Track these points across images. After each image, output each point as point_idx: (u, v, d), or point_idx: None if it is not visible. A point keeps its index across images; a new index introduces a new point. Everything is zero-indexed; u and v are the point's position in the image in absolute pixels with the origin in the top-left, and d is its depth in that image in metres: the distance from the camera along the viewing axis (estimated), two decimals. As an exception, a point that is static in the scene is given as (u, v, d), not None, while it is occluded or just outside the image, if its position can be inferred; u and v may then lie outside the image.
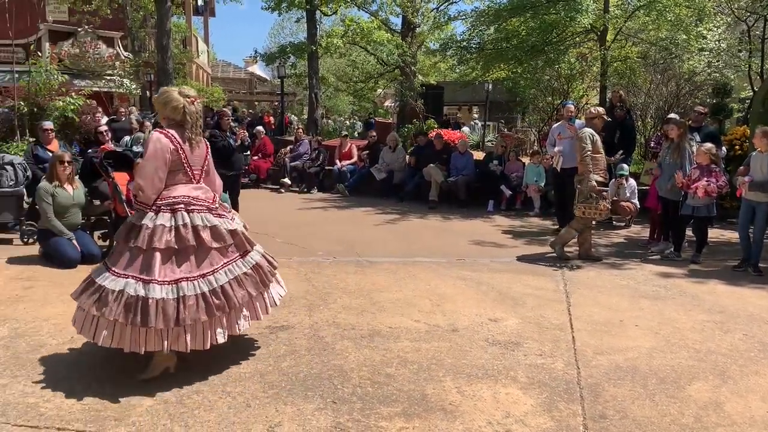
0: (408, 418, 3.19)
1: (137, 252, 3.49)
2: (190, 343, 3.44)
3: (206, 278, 3.51)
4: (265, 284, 3.84)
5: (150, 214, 3.54)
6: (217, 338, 3.53)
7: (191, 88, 3.86)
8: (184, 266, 3.49)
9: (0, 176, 7.34)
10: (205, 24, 31.60)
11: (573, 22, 11.88)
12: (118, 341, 3.42)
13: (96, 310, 3.41)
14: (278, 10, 18.08)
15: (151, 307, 3.34)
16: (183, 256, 3.51)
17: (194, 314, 3.41)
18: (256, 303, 3.77)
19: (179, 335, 3.42)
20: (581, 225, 6.86)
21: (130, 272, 3.45)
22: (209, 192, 3.80)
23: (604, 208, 6.78)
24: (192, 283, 3.46)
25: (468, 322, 4.72)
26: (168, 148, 3.55)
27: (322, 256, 6.90)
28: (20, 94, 11.07)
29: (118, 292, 3.39)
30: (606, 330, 4.62)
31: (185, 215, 3.55)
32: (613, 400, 3.46)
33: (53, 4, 19.74)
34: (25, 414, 3.15)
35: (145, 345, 3.39)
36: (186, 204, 3.59)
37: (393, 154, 12.22)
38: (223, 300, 3.52)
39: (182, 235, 3.50)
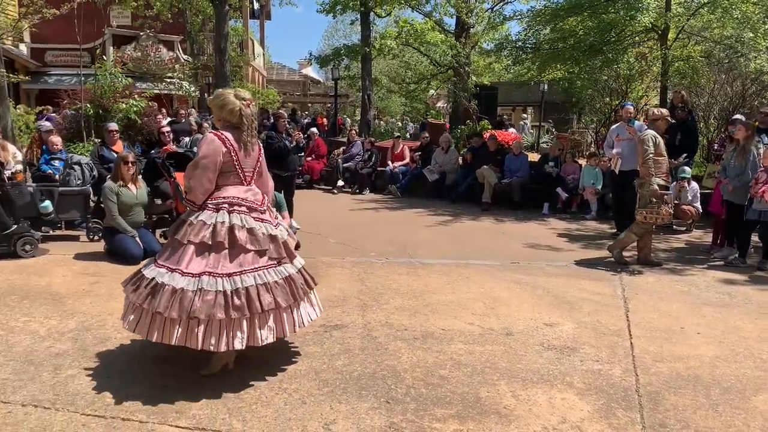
0: (462, 421, 3.18)
1: (177, 245, 3.57)
2: (202, 339, 3.36)
3: (231, 278, 3.46)
4: (296, 299, 3.68)
5: (197, 212, 3.63)
6: (234, 343, 3.42)
7: (246, 91, 3.92)
8: (212, 262, 3.49)
9: (68, 176, 7.66)
10: (261, 27, 32.23)
11: (633, 21, 11.55)
12: (135, 325, 3.54)
13: (134, 298, 3.56)
14: (333, 13, 18.28)
15: (167, 294, 3.38)
16: (214, 253, 3.51)
17: (209, 309, 3.35)
18: (283, 316, 3.62)
19: (192, 329, 3.37)
20: (642, 229, 6.68)
21: (166, 263, 3.54)
22: (258, 194, 3.81)
23: (666, 213, 6.58)
24: (214, 279, 3.43)
25: (523, 326, 4.67)
26: (220, 150, 3.60)
27: (375, 256, 6.94)
28: (86, 97, 11.53)
29: (149, 279, 3.51)
30: (666, 337, 4.49)
31: (226, 214, 3.59)
32: (673, 409, 3.37)
33: (117, 9, 20.46)
34: (93, 404, 3.28)
35: (160, 334, 3.43)
36: (231, 204, 3.63)
37: (446, 155, 12.19)
38: (244, 302, 3.42)
39: (217, 231, 3.53)
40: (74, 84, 15.11)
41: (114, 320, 4.56)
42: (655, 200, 6.53)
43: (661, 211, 6.52)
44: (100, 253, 6.69)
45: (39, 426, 3.05)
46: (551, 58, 13.51)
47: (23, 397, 3.34)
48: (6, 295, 5.16)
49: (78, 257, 6.56)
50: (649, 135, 6.73)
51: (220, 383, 3.52)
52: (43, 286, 5.46)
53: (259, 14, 30.84)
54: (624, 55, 12.85)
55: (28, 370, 3.70)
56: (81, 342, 4.16)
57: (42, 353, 3.95)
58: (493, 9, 17.45)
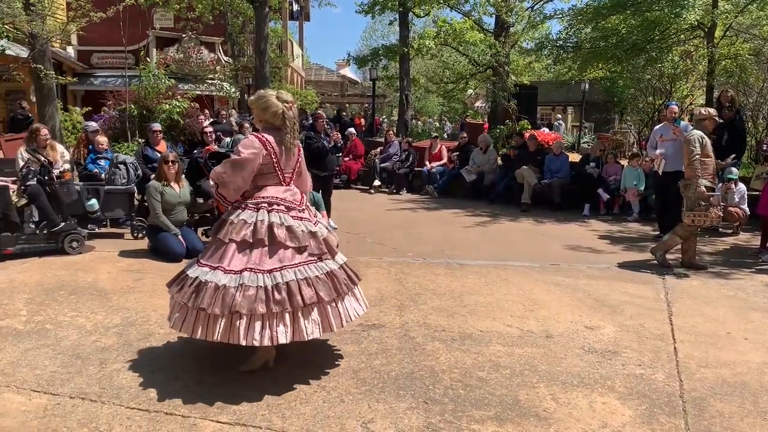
0: (501, 423, 3.16)
1: (219, 244, 3.62)
2: (244, 334, 3.38)
3: (272, 274, 3.50)
4: (339, 294, 3.69)
5: (237, 211, 3.67)
6: (278, 337, 3.43)
7: (288, 93, 3.94)
8: (253, 259, 3.54)
9: (113, 175, 7.86)
10: (300, 28, 32.53)
11: (678, 19, 11.31)
12: (181, 323, 3.57)
13: (178, 297, 3.60)
14: (371, 13, 18.31)
15: (209, 290, 3.43)
16: (254, 250, 3.55)
17: (251, 304, 3.39)
18: (328, 309, 3.62)
19: (234, 323, 3.40)
20: (686, 232, 6.52)
21: (209, 262, 3.60)
22: (297, 194, 3.84)
23: (715, 215, 6.38)
24: (255, 275, 3.47)
25: (563, 328, 4.61)
26: (261, 153, 3.63)
27: (412, 256, 6.93)
28: (131, 98, 11.81)
29: (193, 278, 3.56)
30: (711, 342, 4.38)
31: (265, 213, 3.63)
32: (719, 416, 3.28)
33: (160, 11, 20.90)
34: (137, 397, 3.36)
35: (203, 330, 3.45)
36: (270, 204, 3.67)
37: (484, 155, 12.11)
38: (285, 296, 3.44)
39: (257, 229, 3.57)
40: (119, 85, 15.49)
41: (157, 316, 4.66)
42: (703, 203, 6.36)
43: (710, 214, 6.35)
44: (144, 251, 6.85)
45: (86, 418, 3.13)
46: (593, 57, 13.33)
47: (71, 389, 3.44)
48: (54, 290, 5.33)
49: (123, 254, 6.73)
50: (695, 135, 6.56)
51: (261, 380, 3.56)
52: (90, 282, 5.61)
53: (298, 15, 31.14)
54: (668, 54, 12.61)
55: (75, 363, 3.80)
56: (125, 337, 4.26)
57: (88, 347, 4.06)
58: (534, 8, 17.26)
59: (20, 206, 6.41)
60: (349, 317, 3.77)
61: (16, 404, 3.27)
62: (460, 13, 18.44)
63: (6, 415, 3.15)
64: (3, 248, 6.28)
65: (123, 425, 3.07)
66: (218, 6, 19.38)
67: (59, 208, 6.67)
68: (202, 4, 18.67)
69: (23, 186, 6.47)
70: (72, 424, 3.07)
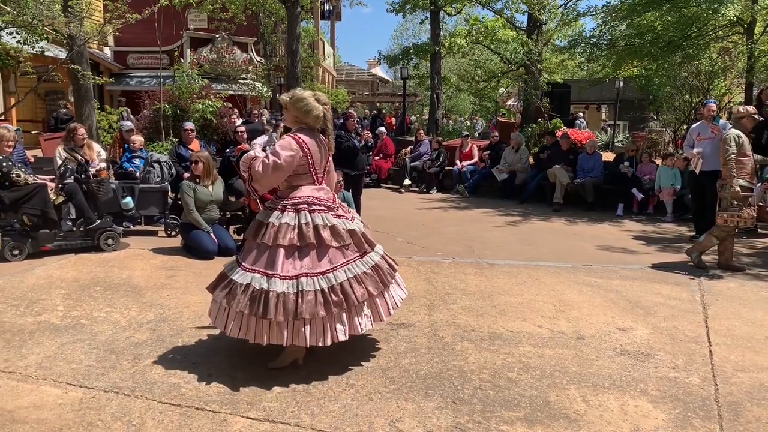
0: (530, 424, 3.13)
1: (264, 248, 3.65)
2: (309, 337, 3.52)
3: (326, 275, 3.60)
4: (385, 284, 3.85)
5: (276, 213, 3.69)
6: (338, 335, 3.58)
7: (323, 94, 3.97)
8: (305, 263, 3.60)
9: (148, 173, 8.00)
10: (331, 28, 32.67)
11: (716, 15, 11.04)
12: (244, 332, 3.59)
13: (226, 303, 3.62)
14: (402, 12, 18.29)
15: (272, 299, 3.49)
16: (304, 254, 3.62)
17: (312, 309, 3.50)
18: (377, 302, 3.78)
19: (299, 329, 3.52)
20: (723, 232, 6.37)
21: (256, 267, 3.62)
22: (329, 192, 3.92)
23: (748, 216, 6.23)
24: (311, 279, 3.56)
25: (594, 330, 4.54)
26: (298, 155, 3.68)
27: (442, 256, 6.91)
28: (165, 98, 12.01)
29: (245, 286, 3.58)
30: (749, 346, 4.27)
31: (308, 215, 3.68)
32: (756, 421, 3.20)
33: (194, 12, 21.18)
34: (169, 392, 3.41)
35: (268, 337, 3.54)
36: (309, 204, 3.71)
37: (516, 154, 12.01)
38: (341, 297, 3.58)
39: (304, 233, 3.62)
40: (154, 85, 15.76)
41: (189, 313, 4.73)
42: (737, 203, 6.22)
43: (743, 215, 6.20)
44: (177, 248, 6.95)
45: (120, 411, 3.19)
46: (627, 55, 13.11)
47: (105, 383, 3.51)
48: (90, 286, 5.44)
49: (156, 251, 6.84)
50: (732, 134, 6.41)
51: (290, 377, 3.59)
52: (124, 278, 5.72)
53: (329, 15, 31.26)
54: (706, 51, 12.32)
55: (109, 358, 3.88)
56: (158, 333, 4.33)
57: (122, 342, 4.14)
58: (567, 5, 17.02)
59: (58, 204, 6.57)
60: (395, 304, 3.96)
61: (53, 397, 3.35)
62: (492, 11, 18.29)
63: (43, 407, 3.23)
64: (41, 245, 6.45)
65: (155, 419, 3.12)
66: (251, 6, 19.56)
67: (95, 206, 6.81)
68: (235, 5, 18.86)
69: (61, 184, 6.62)
70: (106, 418, 3.13)
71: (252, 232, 3.76)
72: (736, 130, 6.51)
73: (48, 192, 6.43)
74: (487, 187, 12.22)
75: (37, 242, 6.43)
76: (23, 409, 3.20)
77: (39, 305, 4.89)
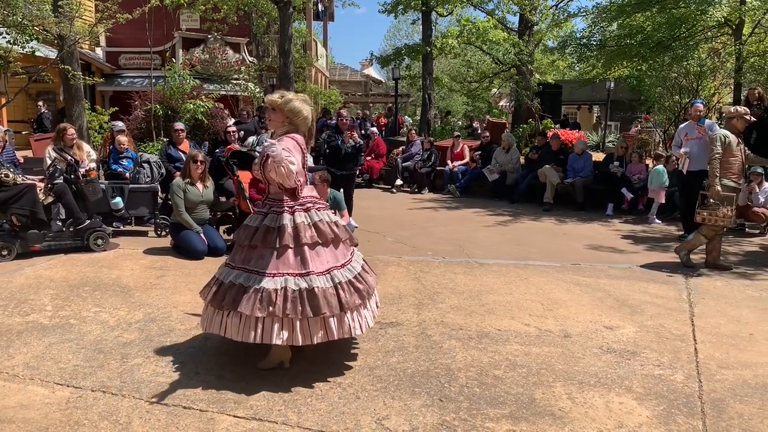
0: (515, 421, 3.15)
1: (283, 249, 3.57)
2: (350, 327, 3.61)
3: (346, 267, 3.73)
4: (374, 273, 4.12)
5: (287, 216, 3.62)
6: (368, 322, 3.79)
7: (306, 95, 3.97)
8: (330, 257, 3.68)
9: (138, 173, 7.99)
10: (324, 28, 32.63)
11: (704, 16, 11.12)
12: (295, 337, 3.48)
13: (261, 312, 3.42)
14: (394, 13, 18.31)
15: (319, 296, 3.49)
16: (325, 249, 3.67)
17: (350, 298, 3.59)
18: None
19: (341, 320, 3.57)
20: (711, 231, 6.42)
21: (286, 270, 3.55)
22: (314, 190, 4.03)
23: (723, 214, 6.26)
24: (340, 272, 3.67)
25: (581, 328, 4.57)
26: (300, 155, 3.70)
27: (432, 255, 6.93)
28: (156, 98, 11.98)
29: (280, 290, 3.47)
30: (733, 343, 4.31)
31: (318, 213, 3.73)
32: (738, 417, 3.23)
33: (186, 13, 21.11)
34: (156, 392, 3.42)
35: (324, 334, 3.54)
36: (313, 203, 3.77)
37: (506, 155, 12.04)
38: (365, 284, 3.74)
39: (322, 229, 3.66)
40: (145, 86, 15.72)
41: (178, 312, 4.74)
42: (713, 201, 6.29)
43: (719, 213, 6.24)
44: (167, 248, 6.95)
45: (107, 411, 3.20)
46: (617, 55, 13.18)
47: (93, 383, 3.52)
48: (79, 286, 5.44)
49: (146, 252, 6.83)
50: (718, 135, 6.47)
51: (278, 377, 3.60)
52: (113, 278, 5.72)
53: (322, 16, 31.20)
54: (695, 52, 12.39)
55: (97, 357, 3.88)
56: (147, 332, 4.33)
57: (111, 342, 4.14)
58: (558, 6, 17.12)
59: (47, 204, 6.55)
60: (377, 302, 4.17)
61: (40, 396, 3.35)
62: (483, 11, 18.36)
63: (30, 407, 3.23)
64: (30, 245, 6.43)
65: (142, 418, 3.13)
66: (243, 7, 19.51)
67: (85, 206, 6.80)
68: (227, 5, 18.82)
69: (50, 184, 6.60)
70: (93, 417, 3.13)
71: (269, 238, 3.60)
72: (724, 130, 6.57)
73: (37, 192, 6.41)
74: (478, 187, 12.25)
75: (26, 242, 6.41)
76: (9, 409, 3.20)
77: (27, 305, 4.88)
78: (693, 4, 11.16)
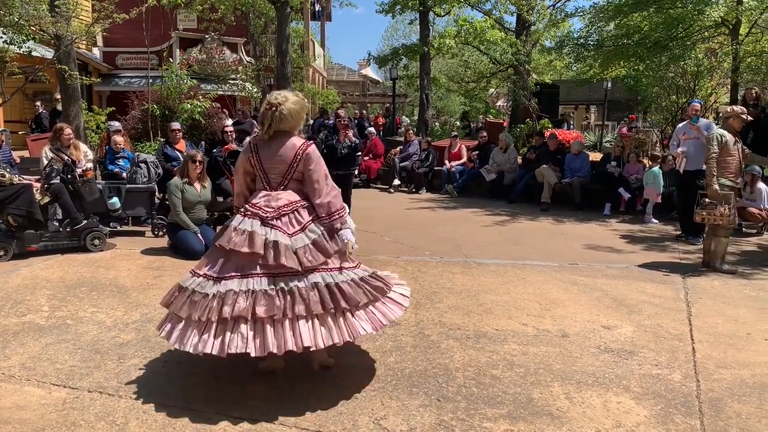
0: (513, 421, 3.15)
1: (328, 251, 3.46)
2: (384, 317, 3.50)
3: (361, 267, 3.64)
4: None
5: (313, 226, 3.48)
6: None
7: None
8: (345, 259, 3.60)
9: (134, 173, 7.97)
10: (321, 28, 32.63)
11: (701, 16, 11.13)
12: (334, 336, 3.30)
13: (292, 314, 3.24)
14: (392, 13, 18.31)
15: (352, 285, 3.43)
16: (341, 252, 3.56)
17: (377, 292, 3.54)
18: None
19: (378, 309, 3.52)
20: (726, 231, 6.33)
21: (346, 263, 3.52)
22: None
23: (721, 214, 6.25)
24: (362, 268, 3.63)
25: (579, 328, 4.57)
26: None
27: (429, 255, 6.93)
28: (153, 98, 11.96)
29: (312, 284, 3.34)
30: (731, 343, 4.32)
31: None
32: (736, 417, 3.23)
33: (184, 12, 21.08)
34: (154, 392, 3.41)
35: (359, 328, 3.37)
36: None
37: (504, 155, 12.05)
38: (382, 282, 3.65)
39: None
40: (143, 86, 15.69)
41: (175, 313, 4.71)
42: (709, 201, 6.28)
43: (716, 213, 6.24)
44: (164, 248, 6.93)
45: (103, 411, 3.19)
46: (615, 55, 13.18)
47: (89, 383, 3.51)
48: (76, 286, 5.42)
49: (143, 252, 6.82)
50: (715, 134, 6.47)
51: (275, 377, 3.59)
52: (110, 278, 5.70)
53: (320, 16, 31.21)
54: (692, 51, 12.40)
55: (94, 358, 3.87)
56: (144, 333, 4.32)
57: (108, 343, 4.13)
58: (555, 6, 17.13)
59: (44, 204, 6.54)
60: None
61: (36, 397, 3.34)
62: (480, 11, 18.37)
63: (26, 407, 3.22)
64: (27, 245, 6.42)
65: (139, 419, 3.12)
66: (240, 7, 19.49)
67: (82, 206, 6.79)
68: (224, 5, 18.79)
69: (47, 184, 6.59)
70: (89, 417, 3.12)
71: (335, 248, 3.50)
72: (720, 129, 6.57)
73: (33, 192, 6.40)
74: (475, 187, 12.26)
75: (22, 243, 6.40)
76: (6, 410, 3.19)
77: (24, 306, 4.87)
78: (690, 4, 11.16)
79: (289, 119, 3.54)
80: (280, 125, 3.53)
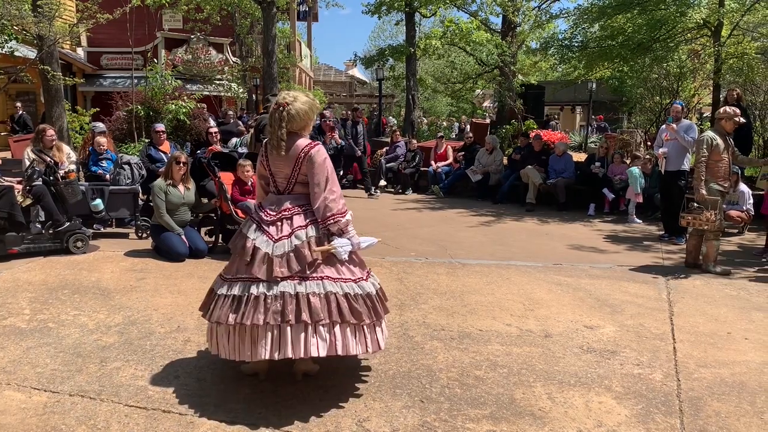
0: (495, 422, 3.16)
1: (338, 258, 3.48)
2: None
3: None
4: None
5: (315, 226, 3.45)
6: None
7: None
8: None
9: (118, 175, 7.92)
10: (308, 29, 32.55)
11: (684, 18, 11.25)
12: (361, 344, 3.36)
13: (329, 319, 3.24)
14: (378, 14, 18.34)
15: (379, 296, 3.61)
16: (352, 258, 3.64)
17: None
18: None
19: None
20: (714, 234, 6.37)
21: (345, 276, 3.48)
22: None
23: (707, 219, 6.27)
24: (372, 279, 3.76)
25: (562, 328, 4.60)
26: None
27: (414, 256, 6.94)
28: (138, 99, 11.87)
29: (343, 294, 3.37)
30: (711, 342, 4.36)
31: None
32: (715, 415, 3.27)
33: (169, 13, 20.96)
34: (135, 396, 3.39)
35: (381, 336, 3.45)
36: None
37: (490, 156, 12.10)
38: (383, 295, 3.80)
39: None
40: (127, 86, 15.58)
41: (158, 315, 4.70)
42: (697, 205, 6.34)
43: (701, 218, 6.27)
44: (148, 250, 6.89)
45: (84, 415, 3.16)
46: (599, 57, 13.28)
47: (71, 387, 3.48)
48: (58, 289, 5.38)
49: (126, 254, 6.77)
50: (705, 137, 6.46)
51: (258, 379, 3.57)
52: (93, 281, 5.66)
53: (306, 16, 31.14)
54: (675, 53, 12.53)
55: (76, 361, 3.84)
56: (127, 336, 4.29)
57: (89, 346, 4.10)
58: (540, 7, 17.24)
59: (26, 206, 6.47)
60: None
61: (16, 402, 3.31)
62: (466, 13, 18.46)
63: (6, 412, 3.19)
64: (8, 248, 6.35)
65: (121, 423, 3.10)
66: (226, 7, 19.42)
67: (64, 208, 6.73)
68: (210, 5, 18.72)
69: (29, 186, 6.53)
70: (70, 422, 3.10)
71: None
72: (711, 132, 6.57)
73: (15, 194, 6.33)
74: (461, 188, 12.30)
75: (4, 245, 6.33)
76: (-15, 414, 3.16)
77: (5, 309, 4.82)
78: (673, 6, 11.28)
79: (298, 120, 3.42)
80: (289, 126, 3.42)
